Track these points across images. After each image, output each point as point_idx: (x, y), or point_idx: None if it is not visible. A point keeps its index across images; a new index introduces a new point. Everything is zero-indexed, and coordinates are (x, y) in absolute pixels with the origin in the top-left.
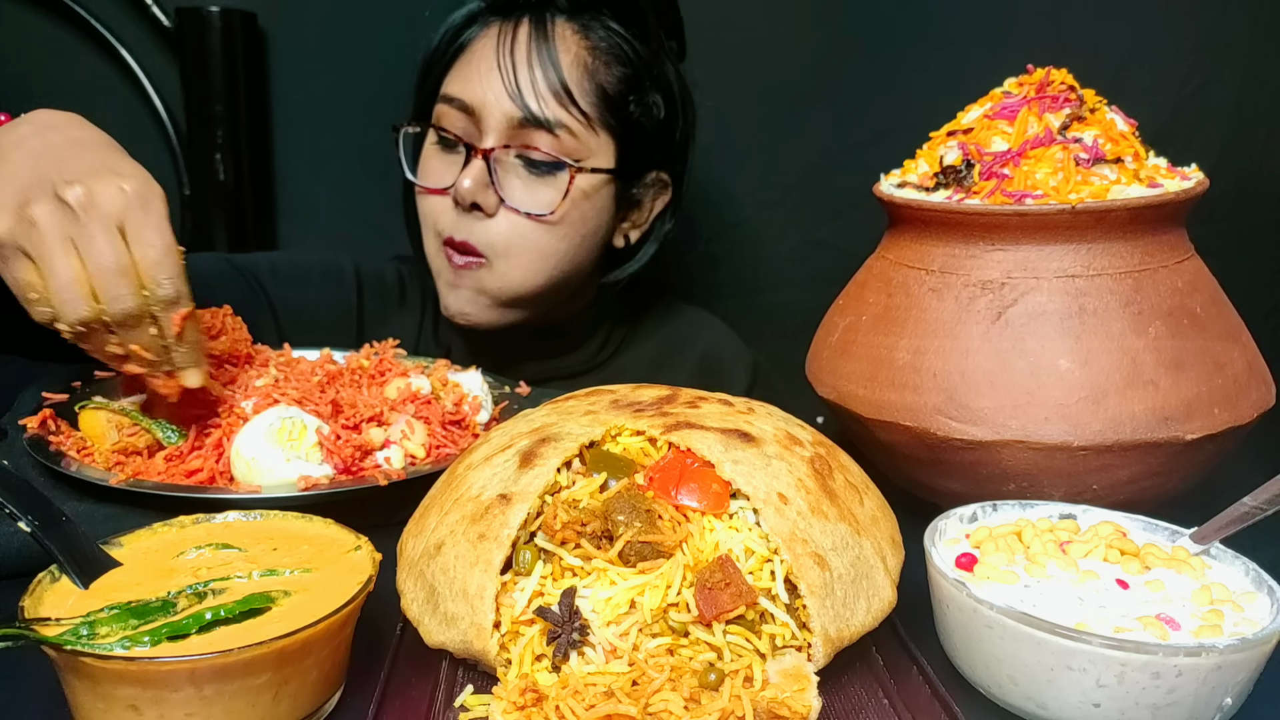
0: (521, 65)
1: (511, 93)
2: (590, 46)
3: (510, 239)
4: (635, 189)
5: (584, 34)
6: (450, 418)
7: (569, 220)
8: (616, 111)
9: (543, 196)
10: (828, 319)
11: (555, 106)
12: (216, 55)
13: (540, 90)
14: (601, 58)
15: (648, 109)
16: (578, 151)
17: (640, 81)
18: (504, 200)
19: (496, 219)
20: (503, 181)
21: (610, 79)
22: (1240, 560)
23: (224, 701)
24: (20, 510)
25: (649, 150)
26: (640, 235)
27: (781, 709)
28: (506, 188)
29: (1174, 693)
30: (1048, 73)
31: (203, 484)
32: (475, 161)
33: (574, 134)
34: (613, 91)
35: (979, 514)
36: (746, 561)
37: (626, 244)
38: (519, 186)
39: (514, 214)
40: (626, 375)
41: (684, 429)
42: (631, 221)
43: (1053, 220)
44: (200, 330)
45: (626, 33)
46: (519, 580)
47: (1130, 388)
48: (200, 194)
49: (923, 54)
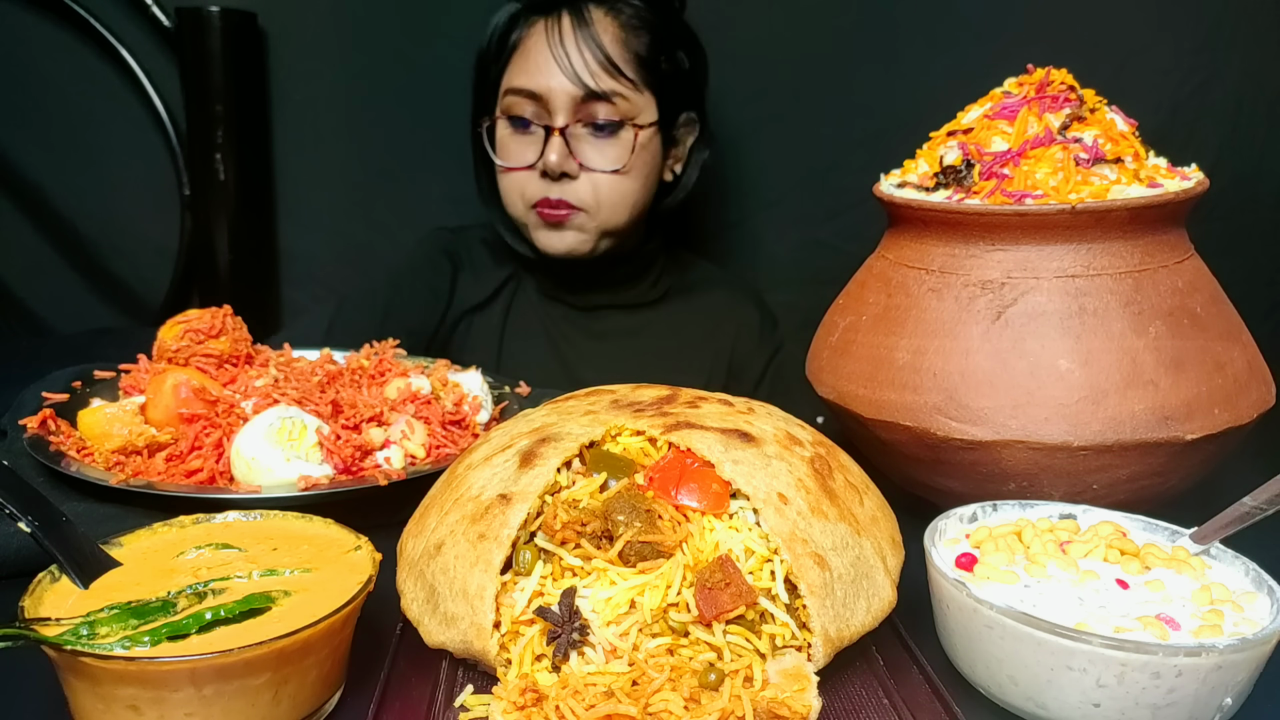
0: (572, 51)
1: (570, 76)
2: (622, 23)
3: (597, 193)
4: (675, 130)
5: (614, 14)
6: (450, 418)
7: (636, 169)
8: (653, 70)
9: (611, 154)
10: (828, 319)
11: (607, 79)
12: (216, 55)
13: (593, 69)
14: (632, 29)
15: (675, 63)
16: (630, 112)
17: (665, 41)
18: (583, 165)
19: (579, 181)
20: (577, 150)
21: (642, 45)
22: (1240, 560)
23: (224, 701)
24: (20, 510)
25: (680, 96)
26: (682, 166)
27: (781, 709)
28: (582, 154)
29: (1174, 693)
30: (1048, 73)
31: (203, 484)
32: (554, 139)
33: (626, 98)
34: (647, 55)
35: (979, 514)
36: (746, 561)
37: (673, 176)
38: (592, 150)
39: (593, 173)
40: (673, 320)
41: (684, 429)
42: (674, 157)
43: (1053, 220)
44: None
45: (644, 4)
46: (519, 580)
47: (1130, 388)
48: (200, 194)
49: (923, 54)
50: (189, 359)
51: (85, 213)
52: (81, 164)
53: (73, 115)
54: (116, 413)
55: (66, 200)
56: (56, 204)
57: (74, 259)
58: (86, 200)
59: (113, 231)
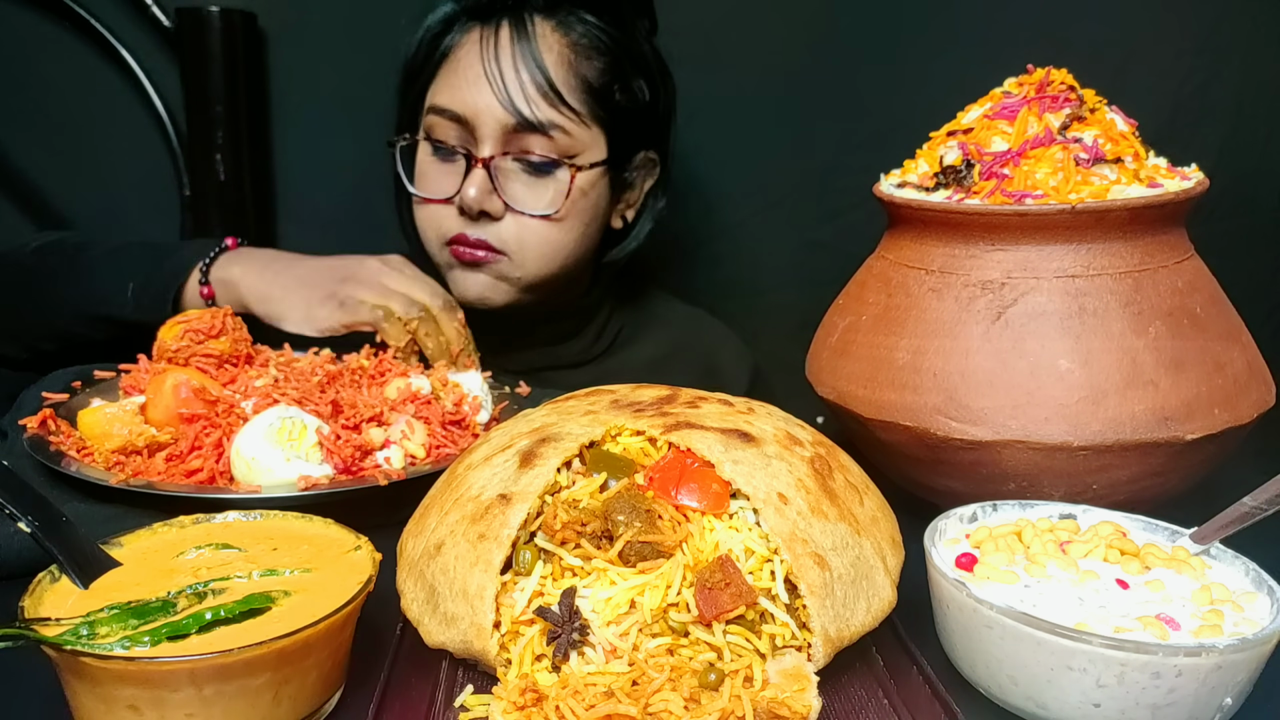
0: (508, 70)
1: (503, 100)
2: (571, 42)
3: (521, 237)
4: (627, 172)
5: (563, 30)
6: (450, 418)
7: (572, 215)
8: (604, 102)
9: (545, 196)
10: (827, 319)
11: (546, 108)
12: (216, 55)
13: (530, 94)
14: (583, 51)
15: (633, 94)
16: (572, 148)
17: (622, 68)
18: (509, 205)
19: (504, 222)
20: (504, 186)
21: (594, 71)
22: (1240, 560)
23: (224, 702)
24: (20, 510)
25: (637, 133)
26: (635, 213)
27: (781, 709)
28: (509, 192)
29: (1174, 693)
30: (1048, 73)
31: (203, 484)
32: (476, 171)
33: (567, 132)
34: (598, 84)
35: (979, 514)
36: (746, 561)
37: (624, 223)
38: (521, 189)
39: (520, 216)
40: (625, 373)
41: (684, 429)
42: (626, 202)
43: (1053, 220)
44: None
45: (601, 22)
46: (519, 580)
47: (1130, 388)
48: (200, 194)
49: (923, 54)
50: (189, 359)
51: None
52: (81, 164)
53: (73, 115)
54: (116, 413)
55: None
56: (56, 204)
57: None
58: (86, 200)
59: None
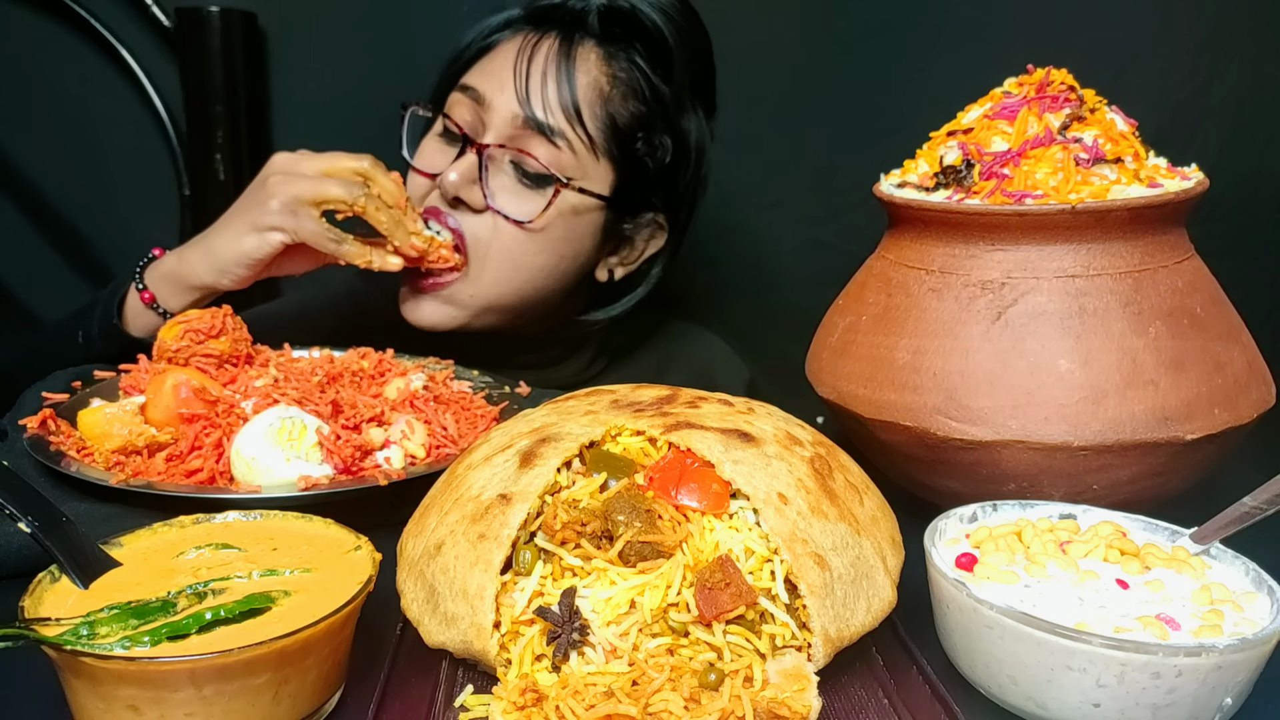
0: (536, 72)
1: (520, 95)
2: (610, 75)
3: (487, 240)
4: (628, 225)
5: (607, 61)
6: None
7: (550, 234)
8: (622, 144)
9: (528, 206)
10: (827, 319)
11: (560, 119)
12: (216, 55)
13: (549, 99)
14: (620, 86)
15: (654, 150)
16: (572, 169)
17: (653, 122)
18: (489, 203)
19: (481, 217)
20: (491, 181)
21: (623, 111)
22: (1240, 560)
23: (224, 701)
24: (20, 510)
25: (648, 189)
26: (627, 274)
27: (781, 709)
28: (493, 188)
29: (1174, 693)
30: (1048, 73)
31: (203, 484)
32: (468, 155)
33: (573, 150)
34: (622, 124)
35: (979, 514)
36: (746, 561)
37: (611, 280)
38: (507, 190)
39: (496, 215)
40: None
41: (684, 429)
42: (620, 257)
43: (1053, 220)
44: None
45: (652, 72)
46: (519, 580)
47: (1130, 388)
48: (200, 194)
49: (923, 54)
50: (189, 359)
51: (85, 213)
52: (81, 164)
53: (73, 115)
54: (116, 413)
55: (66, 200)
56: (56, 204)
57: (74, 259)
58: (86, 200)
59: (113, 231)
